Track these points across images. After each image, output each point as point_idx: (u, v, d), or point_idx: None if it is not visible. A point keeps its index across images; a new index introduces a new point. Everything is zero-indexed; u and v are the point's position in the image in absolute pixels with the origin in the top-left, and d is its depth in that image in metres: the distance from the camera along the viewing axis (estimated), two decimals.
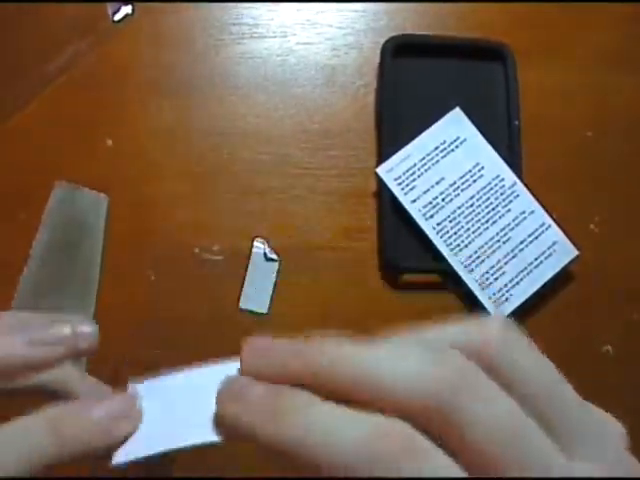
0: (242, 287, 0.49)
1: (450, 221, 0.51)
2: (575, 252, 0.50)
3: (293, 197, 0.52)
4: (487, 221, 0.51)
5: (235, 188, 0.51)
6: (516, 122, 0.53)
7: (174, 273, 0.49)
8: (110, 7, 0.54)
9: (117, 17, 0.54)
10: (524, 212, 0.51)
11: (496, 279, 0.50)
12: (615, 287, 0.52)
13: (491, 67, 0.55)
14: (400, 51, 0.54)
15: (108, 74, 0.53)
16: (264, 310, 0.49)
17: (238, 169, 0.52)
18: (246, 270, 0.49)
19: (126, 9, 0.54)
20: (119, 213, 0.50)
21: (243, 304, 0.49)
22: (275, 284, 0.49)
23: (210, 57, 0.54)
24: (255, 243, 0.50)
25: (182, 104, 0.53)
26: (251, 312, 0.49)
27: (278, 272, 0.50)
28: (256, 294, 0.49)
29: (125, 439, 0.22)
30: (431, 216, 0.51)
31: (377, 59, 0.54)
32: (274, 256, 0.50)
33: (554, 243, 0.50)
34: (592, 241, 0.52)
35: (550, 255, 0.50)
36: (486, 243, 0.50)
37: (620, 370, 0.50)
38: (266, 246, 0.50)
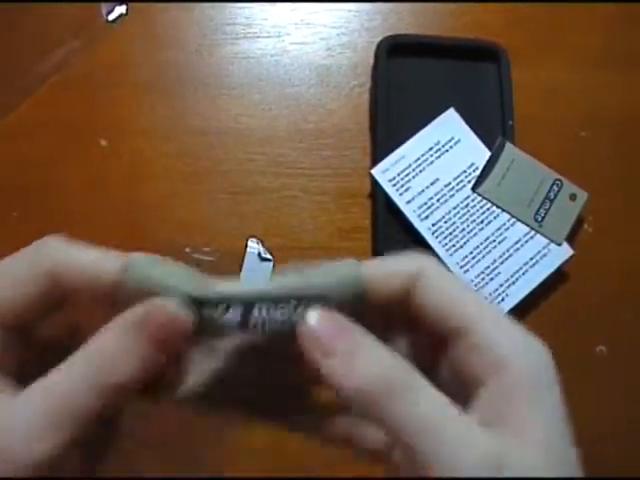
0: None
1: (445, 222, 0.51)
2: (570, 252, 0.50)
3: (286, 197, 0.52)
4: (482, 221, 0.51)
5: (228, 188, 0.51)
6: (510, 122, 0.53)
7: None
8: (104, 7, 0.54)
9: (111, 17, 0.54)
10: None
11: (492, 279, 0.49)
12: (609, 287, 0.51)
13: (485, 67, 0.55)
14: (394, 51, 0.54)
15: (102, 74, 0.53)
16: None
17: (232, 169, 0.52)
18: (240, 270, 0.49)
19: (120, 9, 0.54)
20: (112, 213, 0.50)
21: None
22: None
23: (204, 57, 0.54)
24: (249, 243, 0.50)
25: (176, 104, 0.53)
26: None
27: (272, 272, 0.49)
28: None
29: None
30: (426, 217, 0.51)
31: (371, 59, 0.55)
32: (268, 256, 0.50)
33: (549, 243, 0.50)
34: (587, 241, 0.52)
35: (545, 255, 0.50)
36: (481, 243, 0.50)
37: (614, 370, 0.50)
38: (260, 246, 0.50)
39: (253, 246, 0.50)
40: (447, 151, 0.52)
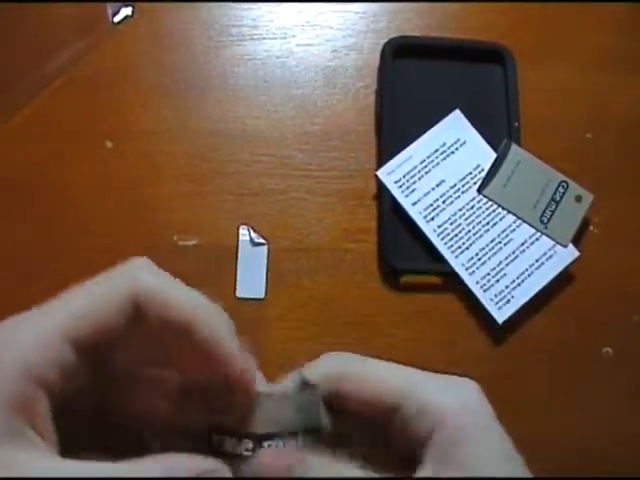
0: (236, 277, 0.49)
1: (451, 223, 0.51)
2: (576, 253, 0.50)
3: (293, 199, 0.52)
4: (488, 223, 0.51)
5: (235, 189, 0.51)
6: (516, 124, 0.53)
7: (173, 273, 0.49)
8: (110, 9, 0.54)
9: (117, 19, 0.54)
10: None
11: (497, 281, 0.49)
12: (615, 288, 0.51)
13: (491, 69, 0.55)
14: (400, 53, 0.54)
15: (108, 75, 0.53)
16: (261, 295, 0.49)
17: (238, 170, 0.52)
18: (236, 259, 0.49)
19: (126, 11, 0.54)
20: (118, 214, 0.50)
21: (240, 293, 0.49)
22: (271, 277, 0.49)
23: (210, 58, 0.54)
24: (240, 231, 0.50)
25: (182, 105, 0.53)
26: (249, 299, 0.49)
27: (269, 257, 0.49)
28: (251, 281, 0.49)
29: None
30: (432, 218, 0.51)
31: (377, 61, 0.55)
32: (261, 240, 0.50)
33: (554, 244, 0.50)
34: (592, 242, 0.52)
35: (551, 256, 0.50)
36: (487, 245, 0.50)
37: (620, 372, 0.50)
38: (251, 231, 0.50)
39: (244, 233, 0.50)
40: (453, 153, 0.52)
